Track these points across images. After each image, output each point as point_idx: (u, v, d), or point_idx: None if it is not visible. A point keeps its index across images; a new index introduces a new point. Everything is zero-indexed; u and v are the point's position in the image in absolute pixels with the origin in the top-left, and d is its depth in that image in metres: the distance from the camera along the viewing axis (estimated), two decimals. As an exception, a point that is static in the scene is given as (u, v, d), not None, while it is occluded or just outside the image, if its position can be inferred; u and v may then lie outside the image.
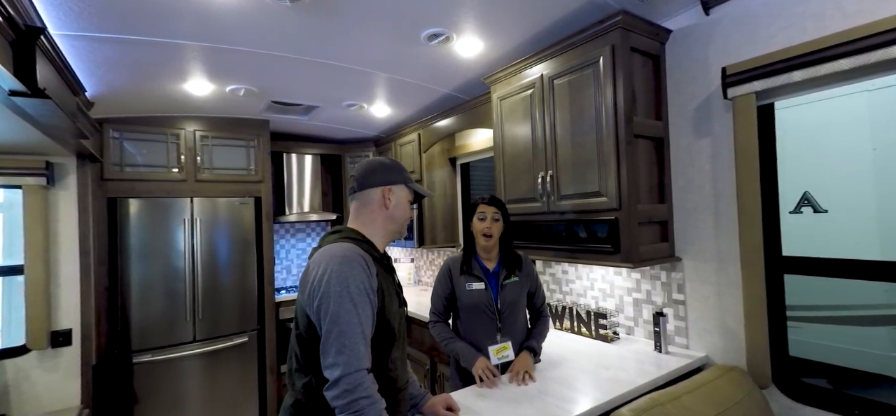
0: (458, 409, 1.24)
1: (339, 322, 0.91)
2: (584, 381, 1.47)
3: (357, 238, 1.06)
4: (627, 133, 1.61)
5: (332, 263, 0.95)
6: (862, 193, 2.20)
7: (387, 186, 1.11)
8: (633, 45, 1.66)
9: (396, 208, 1.12)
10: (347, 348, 0.90)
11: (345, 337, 0.90)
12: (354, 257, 0.97)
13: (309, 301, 0.95)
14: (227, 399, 2.93)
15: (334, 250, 0.98)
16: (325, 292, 0.92)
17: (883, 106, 2.13)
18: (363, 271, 0.96)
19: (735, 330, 1.58)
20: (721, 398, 1.23)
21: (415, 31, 1.86)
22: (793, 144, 1.92)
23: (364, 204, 1.11)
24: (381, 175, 1.12)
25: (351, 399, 0.88)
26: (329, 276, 0.93)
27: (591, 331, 1.94)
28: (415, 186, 1.18)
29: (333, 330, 0.91)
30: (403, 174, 1.16)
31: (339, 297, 0.92)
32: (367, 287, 0.96)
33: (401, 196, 1.13)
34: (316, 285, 0.94)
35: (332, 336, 0.91)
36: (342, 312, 0.91)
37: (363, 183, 1.12)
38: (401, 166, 1.17)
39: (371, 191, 1.11)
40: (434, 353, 2.39)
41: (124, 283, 2.63)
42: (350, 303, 0.92)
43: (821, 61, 1.29)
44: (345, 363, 0.89)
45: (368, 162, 1.15)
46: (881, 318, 2.15)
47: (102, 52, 1.86)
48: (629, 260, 1.59)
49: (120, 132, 2.71)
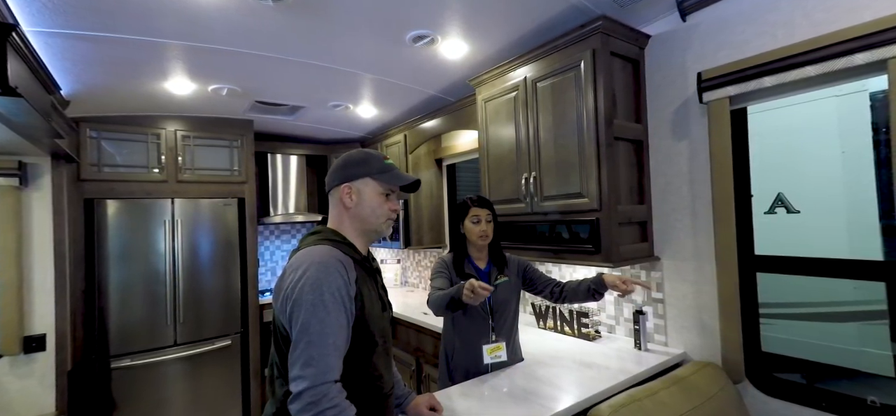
0: (441, 409, 1.24)
1: (308, 332, 0.86)
2: (567, 379, 1.50)
3: (336, 240, 0.99)
4: (608, 135, 1.64)
5: (310, 268, 0.89)
6: (832, 195, 2.29)
7: (346, 184, 1.02)
8: (613, 49, 1.70)
9: (361, 206, 1.02)
10: (315, 360, 0.85)
11: (313, 348, 0.85)
12: (331, 262, 0.91)
13: (282, 308, 0.90)
14: (210, 404, 2.87)
15: (312, 254, 0.93)
16: (298, 300, 0.87)
17: (851, 111, 2.22)
18: (340, 278, 0.91)
19: (711, 327, 1.63)
20: (696, 393, 1.27)
21: (400, 33, 1.87)
22: (768, 147, 1.99)
23: (332, 205, 1.05)
24: (342, 172, 1.03)
25: (316, 412, 0.83)
26: (303, 282, 0.88)
27: (574, 330, 1.97)
28: (385, 177, 1.03)
29: (302, 340, 0.86)
30: (368, 166, 1.03)
31: (311, 305, 0.86)
32: (343, 295, 0.90)
33: (367, 192, 1.02)
34: (289, 291, 0.89)
35: (300, 347, 0.86)
36: (313, 321, 0.86)
37: (329, 183, 1.05)
38: (368, 158, 1.04)
39: (334, 191, 1.04)
40: (419, 353, 2.39)
41: (102, 286, 2.56)
42: (323, 311, 0.87)
43: (789, 68, 1.35)
44: (312, 376, 0.84)
45: (338, 159, 1.07)
46: (850, 314, 2.24)
47: (78, 49, 1.81)
48: (610, 260, 1.63)
49: (98, 131, 2.64)
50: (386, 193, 1.05)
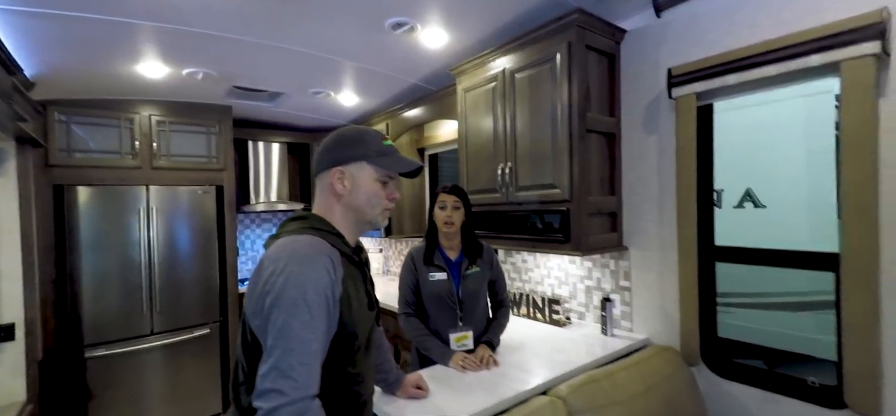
0: (426, 387, 1.29)
1: (287, 337, 0.73)
2: (535, 363, 1.55)
3: (324, 229, 0.87)
4: (580, 128, 1.68)
5: (291, 261, 0.77)
6: (797, 191, 2.39)
7: (338, 167, 0.89)
8: (589, 43, 1.73)
9: (355, 193, 0.89)
10: (295, 370, 0.73)
11: (292, 356, 0.73)
12: (318, 256, 0.79)
13: (257, 305, 0.78)
14: (190, 392, 2.87)
15: (296, 244, 0.80)
16: (277, 298, 0.75)
17: (817, 112, 2.31)
18: (327, 275, 0.79)
19: (671, 314, 1.70)
20: (651, 374, 1.33)
21: (379, 20, 1.86)
22: (740, 144, 2.06)
23: (320, 190, 0.92)
24: (332, 153, 0.90)
25: None
26: (285, 278, 0.75)
27: (545, 316, 2.03)
28: (384, 161, 0.91)
29: (279, 346, 0.73)
30: (364, 147, 0.90)
31: (292, 306, 0.74)
32: (328, 296, 0.78)
33: (361, 177, 0.89)
34: (267, 287, 0.76)
35: (277, 354, 0.73)
36: (294, 325, 0.74)
37: (317, 164, 0.92)
38: (364, 137, 0.92)
39: (323, 174, 0.91)
40: (397, 340, 2.43)
41: (74, 275, 2.51)
42: (306, 314, 0.75)
43: (751, 67, 1.40)
44: (290, 389, 0.72)
45: (328, 137, 0.94)
46: (809, 304, 2.36)
47: (42, 29, 1.75)
48: (578, 249, 1.68)
49: (67, 115, 2.56)
50: (384, 180, 0.92)
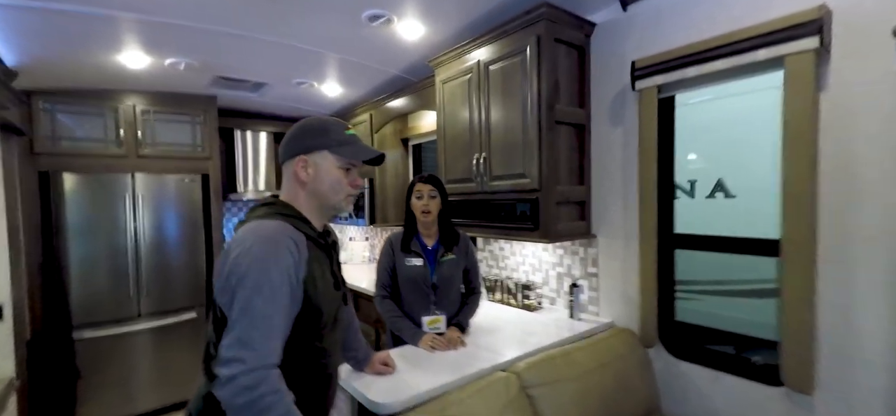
0: (393, 364, 1.37)
1: (250, 313, 0.78)
2: (504, 345, 1.62)
3: (290, 215, 0.91)
4: (549, 119, 1.74)
5: (256, 243, 0.82)
6: (764, 181, 2.47)
7: (302, 156, 0.93)
8: (558, 36, 1.78)
9: (318, 181, 0.93)
10: (256, 341, 0.78)
11: (254, 330, 0.78)
12: (281, 239, 0.84)
13: (224, 285, 0.82)
14: (178, 374, 2.94)
15: (261, 228, 0.86)
16: (242, 278, 0.80)
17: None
18: (290, 256, 0.83)
19: (633, 298, 1.78)
20: (606, 353, 1.42)
21: (356, 12, 1.89)
22: (713, 136, 2.13)
23: (286, 178, 0.96)
24: (296, 142, 0.94)
25: (251, 398, 0.75)
26: (250, 260, 0.80)
27: (518, 301, 2.11)
28: (346, 150, 0.94)
29: (242, 321, 0.78)
30: (326, 136, 0.94)
31: (256, 285, 0.79)
32: (291, 275, 0.83)
33: (324, 165, 0.94)
34: (233, 267, 0.81)
35: (239, 328, 0.78)
36: (256, 302, 0.79)
37: (283, 153, 0.96)
38: (326, 127, 0.95)
39: (288, 163, 0.95)
40: (379, 325, 2.50)
41: (61, 259, 2.56)
42: (269, 290, 0.80)
43: (705, 60, 1.46)
44: (250, 358, 0.76)
45: (293, 127, 0.97)
46: (770, 291, 2.46)
47: (22, 20, 1.78)
48: (547, 236, 1.75)
49: (52, 104, 2.59)
50: (346, 167, 0.96)
